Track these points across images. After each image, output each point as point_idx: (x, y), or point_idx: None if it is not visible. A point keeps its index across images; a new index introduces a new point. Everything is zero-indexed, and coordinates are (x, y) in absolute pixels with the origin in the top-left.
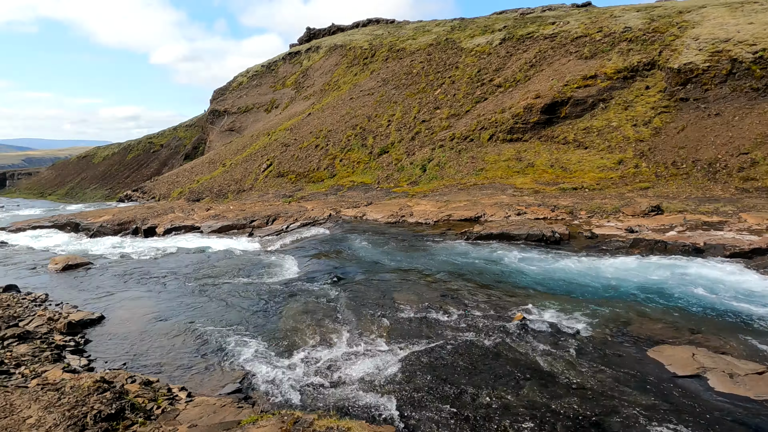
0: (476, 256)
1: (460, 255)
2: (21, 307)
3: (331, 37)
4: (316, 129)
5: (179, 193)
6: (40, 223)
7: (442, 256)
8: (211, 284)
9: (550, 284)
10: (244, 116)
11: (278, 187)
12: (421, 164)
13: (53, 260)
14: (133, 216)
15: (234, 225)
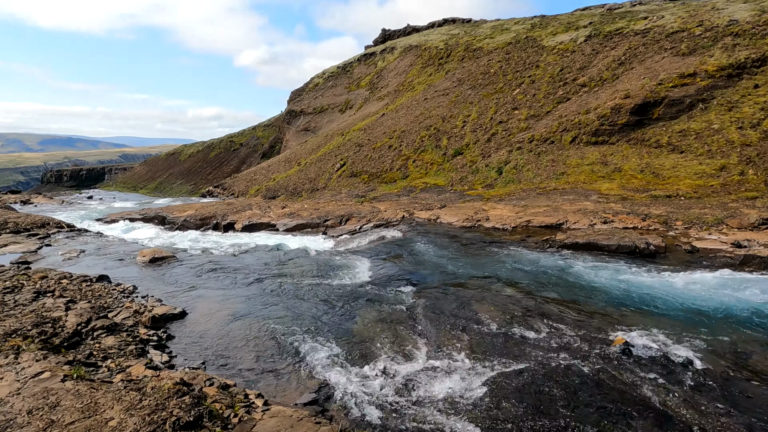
0: (560, 266)
1: (543, 265)
2: (111, 297)
3: (407, 37)
4: (389, 129)
5: (256, 191)
6: (131, 215)
7: (523, 265)
8: (286, 283)
9: (650, 303)
10: (319, 116)
11: (351, 186)
12: (497, 167)
13: (141, 252)
14: (213, 212)
15: (308, 224)
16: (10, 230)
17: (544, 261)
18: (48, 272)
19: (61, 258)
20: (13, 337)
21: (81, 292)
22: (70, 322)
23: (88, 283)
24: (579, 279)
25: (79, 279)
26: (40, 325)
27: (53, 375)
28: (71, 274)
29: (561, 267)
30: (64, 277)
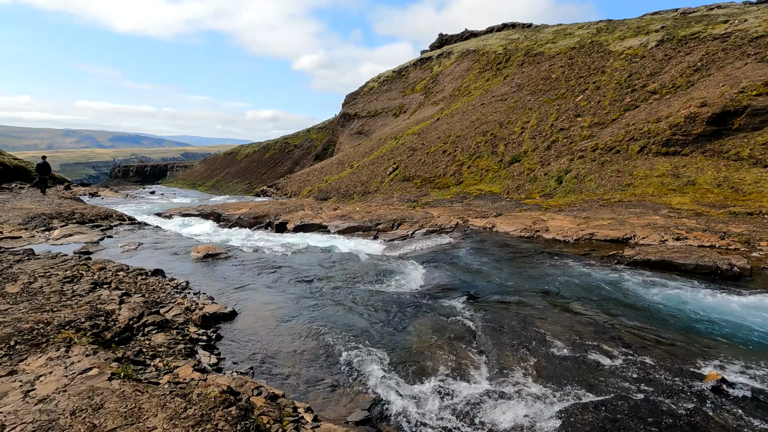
0: (631, 286)
1: (610, 282)
2: (164, 292)
3: (464, 42)
4: (444, 134)
5: (308, 192)
6: (188, 211)
7: (588, 281)
8: (336, 287)
9: (742, 333)
10: (372, 120)
11: (403, 191)
12: (557, 175)
13: (196, 248)
14: (267, 211)
15: (360, 227)
16: (76, 221)
17: (612, 278)
18: (106, 263)
19: (120, 250)
20: (67, 329)
21: (136, 285)
22: (123, 316)
23: (144, 277)
24: (654, 300)
25: (135, 272)
26: (94, 318)
27: (101, 372)
28: (128, 266)
29: (631, 286)
30: (121, 269)
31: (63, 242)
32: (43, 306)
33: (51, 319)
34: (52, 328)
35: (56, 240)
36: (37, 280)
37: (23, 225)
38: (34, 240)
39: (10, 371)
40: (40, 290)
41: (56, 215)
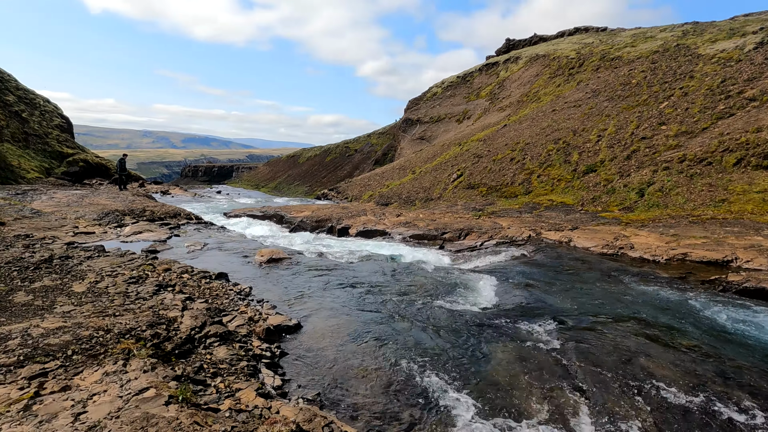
0: (746, 318)
1: (717, 313)
2: (227, 298)
3: (533, 47)
4: (512, 141)
5: (369, 196)
6: (252, 212)
7: (691, 310)
8: (403, 301)
9: None
10: (435, 126)
11: (467, 199)
12: (638, 188)
13: (260, 252)
14: (329, 215)
15: (425, 235)
16: (146, 218)
17: (719, 309)
18: (172, 264)
19: (185, 250)
20: (127, 338)
21: (200, 289)
22: (185, 325)
23: (208, 280)
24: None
25: (200, 275)
26: (155, 326)
27: (158, 395)
28: (193, 268)
29: (747, 319)
30: (186, 271)
31: (132, 239)
32: (105, 309)
33: (112, 326)
34: (112, 336)
35: (126, 237)
36: (104, 279)
37: (97, 220)
38: (105, 236)
39: (64, 386)
40: (105, 291)
41: (128, 212)
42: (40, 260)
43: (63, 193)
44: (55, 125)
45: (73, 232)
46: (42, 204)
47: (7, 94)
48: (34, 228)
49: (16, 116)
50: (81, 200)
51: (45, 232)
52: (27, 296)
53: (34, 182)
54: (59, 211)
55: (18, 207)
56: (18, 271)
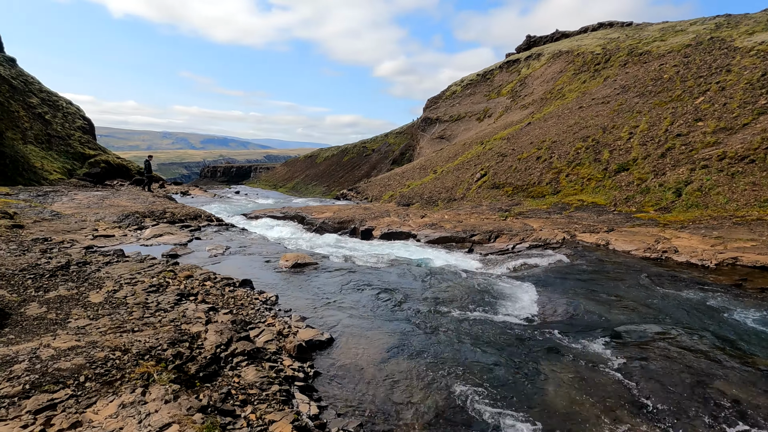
0: None
1: None
2: (253, 309)
3: (555, 43)
4: (537, 139)
5: (390, 197)
6: (273, 213)
7: (761, 323)
8: (439, 311)
9: None
10: (455, 124)
11: (492, 199)
12: (675, 187)
13: (284, 257)
14: (351, 216)
15: (452, 237)
16: (167, 220)
17: None
18: (193, 270)
19: (207, 254)
20: (147, 359)
21: (223, 298)
22: (209, 341)
23: (231, 288)
24: None
25: (223, 282)
26: (177, 344)
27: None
28: (215, 275)
29: None
30: (209, 278)
31: (153, 243)
32: (123, 323)
33: (130, 345)
34: (131, 357)
35: (146, 240)
36: (122, 288)
37: (117, 223)
38: (125, 239)
39: (74, 422)
40: (124, 301)
41: (149, 213)
42: (57, 267)
43: (84, 194)
44: (77, 127)
45: (92, 236)
46: (62, 206)
47: (30, 97)
48: (53, 231)
49: (39, 118)
50: (101, 202)
51: (64, 235)
52: (40, 308)
53: (56, 183)
54: (79, 213)
55: (38, 209)
56: (33, 279)
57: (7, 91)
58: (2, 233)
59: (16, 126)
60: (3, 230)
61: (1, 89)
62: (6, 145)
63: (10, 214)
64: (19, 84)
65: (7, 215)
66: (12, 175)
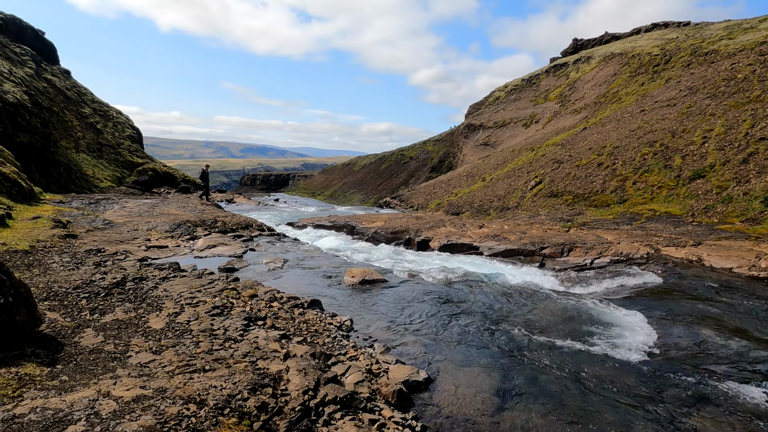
0: None
1: None
2: (329, 336)
3: (605, 46)
4: (596, 145)
5: (437, 205)
6: (321, 222)
7: None
8: (536, 341)
9: None
10: (499, 131)
11: (550, 208)
12: (763, 196)
13: (350, 272)
14: (404, 226)
15: (519, 250)
16: (218, 229)
17: None
18: (256, 287)
19: (265, 267)
20: (227, 415)
21: (294, 322)
22: (294, 385)
23: (300, 310)
24: None
25: (290, 302)
26: (258, 390)
27: None
28: (281, 294)
29: None
30: (274, 298)
31: (207, 254)
32: (192, 360)
33: (205, 393)
34: (208, 413)
35: (200, 251)
36: (184, 309)
37: (169, 232)
38: (179, 250)
39: None
40: (187, 327)
41: (200, 223)
42: (112, 283)
43: (134, 202)
44: (126, 136)
45: (146, 246)
46: (114, 214)
47: (83, 107)
48: (105, 241)
49: (91, 127)
50: (152, 210)
51: (117, 245)
52: (96, 336)
53: (106, 191)
54: (131, 221)
55: (91, 218)
56: (87, 298)
57: (62, 102)
58: (56, 244)
59: (70, 135)
60: (56, 240)
61: (56, 100)
62: (60, 154)
63: (63, 223)
64: (73, 95)
65: (60, 224)
66: (65, 183)
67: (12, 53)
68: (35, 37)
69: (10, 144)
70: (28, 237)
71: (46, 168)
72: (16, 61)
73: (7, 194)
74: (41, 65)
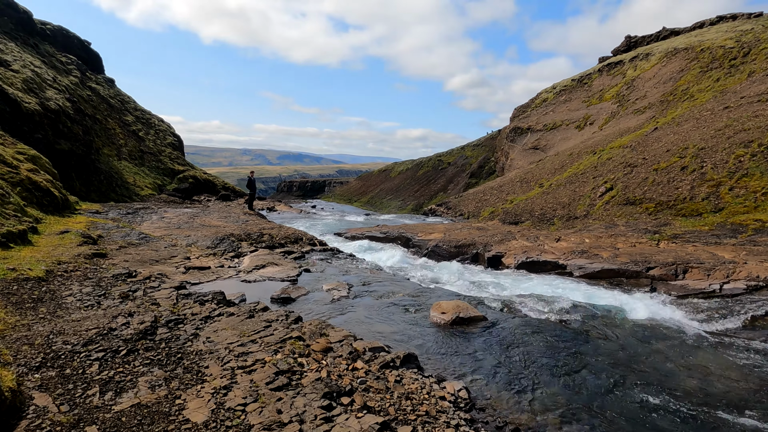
0: None
1: None
2: (444, 416)
3: (664, 42)
4: (675, 147)
5: (490, 213)
6: (371, 233)
7: None
8: (711, 418)
9: None
10: (550, 134)
11: (628, 217)
12: None
13: (438, 307)
14: (467, 238)
15: (619, 270)
16: (265, 244)
17: None
18: (327, 331)
19: (327, 295)
20: None
21: (391, 397)
22: None
23: (395, 373)
24: None
25: (378, 359)
26: None
27: None
28: (361, 343)
29: None
30: (355, 351)
31: (256, 277)
32: None
33: None
34: None
35: (247, 272)
36: (236, 380)
37: (211, 249)
38: (222, 271)
39: None
40: (244, 421)
41: (245, 236)
42: (138, 332)
43: (173, 211)
44: (167, 143)
45: (184, 267)
46: (151, 226)
47: (126, 115)
48: (138, 261)
49: (133, 135)
50: (192, 221)
51: (151, 266)
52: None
53: (147, 199)
54: (169, 234)
55: (125, 230)
56: (101, 361)
57: (105, 110)
58: (80, 266)
59: (112, 143)
60: (81, 262)
61: (100, 108)
62: (102, 162)
63: (93, 239)
64: (116, 103)
65: (89, 240)
66: (106, 191)
67: (58, 62)
68: (81, 47)
69: (51, 151)
70: (49, 257)
71: (86, 176)
72: (61, 69)
73: (37, 205)
74: (86, 74)
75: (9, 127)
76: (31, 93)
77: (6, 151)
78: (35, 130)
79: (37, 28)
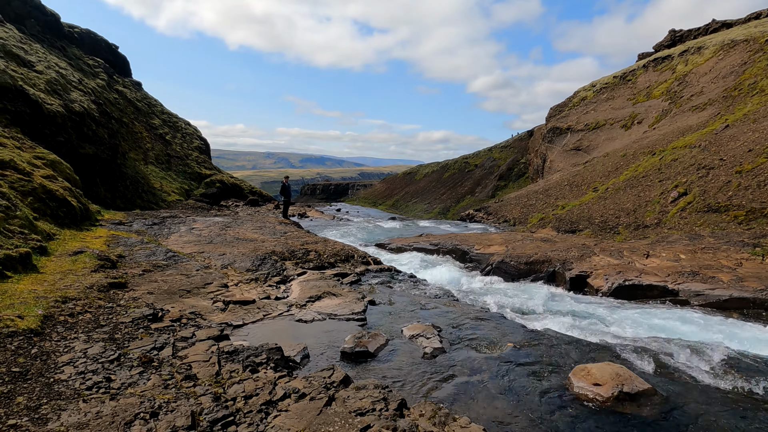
0: None
1: None
2: None
3: (715, 35)
4: (758, 146)
5: (540, 220)
6: (419, 244)
7: None
8: None
9: None
10: (592, 134)
11: (713, 226)
12: None
13: (585, 373)
14: (539, 253)
15: (750, 300)
16: (313, 264)
17: None
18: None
19: (413, 346)
20: None
21: None
22: None
23: None
24: None
25: None
26: None
27: None
28: None
29: None
30: None
31: (312, 315)
32: None
33: None
34: None
35: (300, 308)
36: None
37: (252, 271)
38: (269, 306)
39: None
40: None
41: (288, 254)
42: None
43: (203, 221)
44: (194, 147)
45: (223, 301)
46: (180, 240)
47: (153, 118)
48: (166, 292)
49: (160, 138)
50: (224, 232)
51: (182, 300)
52: None
53: (173, 205)
54: (200, 252)
55: (151, 248)
56: None
57: (132, 113)
58: (91, 303)
59: (139, 146)
60: (93, 298)
61: (127, 111)
62: (128, 166)
63: (112, 261)
64: (143, 106)
65: (107, 263)
66: (131, 197)
67: (85, 65)
68: (108, 50)
69: (74, 155)
70: (53, 292)
71: (112, 181)
72: (88, 72)
73: (51, 217)
74: (113, 77)
75: (29, 129)
76: (55, 94)
77: (21, 155)
78: (57, 133)
79: (65, 31)
